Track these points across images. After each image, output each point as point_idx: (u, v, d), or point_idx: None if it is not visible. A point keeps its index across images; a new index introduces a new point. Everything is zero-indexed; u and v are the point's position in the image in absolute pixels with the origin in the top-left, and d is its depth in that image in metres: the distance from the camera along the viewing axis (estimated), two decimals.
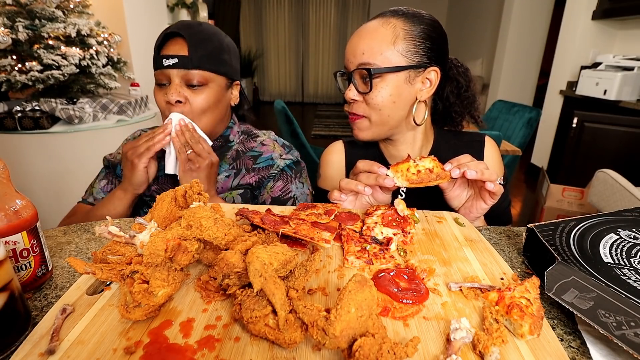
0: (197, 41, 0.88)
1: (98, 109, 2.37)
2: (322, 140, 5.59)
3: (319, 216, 0.65)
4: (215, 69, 0.92)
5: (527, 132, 2.70)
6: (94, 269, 0.45)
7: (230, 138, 1.05)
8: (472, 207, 0.77)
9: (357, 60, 0.81)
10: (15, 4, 2.07)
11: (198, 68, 0.89)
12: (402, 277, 0.52)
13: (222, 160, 1.02)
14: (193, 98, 0.91)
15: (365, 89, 0.82)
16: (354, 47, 0.82)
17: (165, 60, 0.88)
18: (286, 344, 0.39)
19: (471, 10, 6.38)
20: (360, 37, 0.82)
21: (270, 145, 1.05)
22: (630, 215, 0.68)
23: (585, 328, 0.47)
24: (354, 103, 0.85)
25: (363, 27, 0.84)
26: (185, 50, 0.88)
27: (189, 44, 0.88)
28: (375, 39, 0.80)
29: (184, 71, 0.89)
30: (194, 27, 0.90)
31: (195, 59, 0.88)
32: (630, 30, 3.31)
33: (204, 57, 0.89)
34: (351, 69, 0.83)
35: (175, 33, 0.89)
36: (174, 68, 0.88)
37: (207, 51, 0.90)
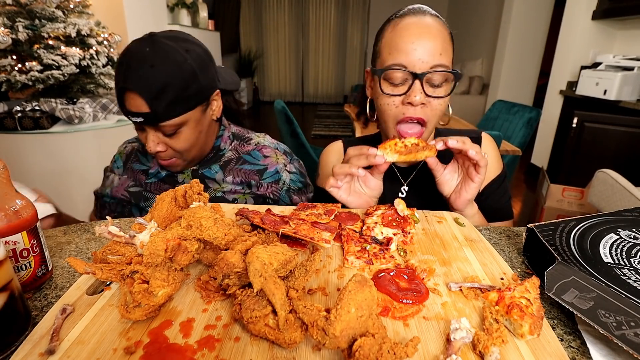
0: (154, 93, 0.80)
1: (98, 109, 2.37)
2: (322, 140, 5.59)
3: (319, 216, 0.65)
4: (184, 110, 0.84)
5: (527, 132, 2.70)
6: (94, 269, 0.45)
7: (221, 147, 1.01)
8: (461, 189, 0.76)
9: (433, 60, 0.74)
10: (15, 4, 2.07)
11: (166, 119, 0.83)
12: (402, 277, 0.52)
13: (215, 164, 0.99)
14: (172, 144, 0.88)
15: (434, 93, 0.76)
16: (428, 44, 0.74)
17: (131, 117, 0.83)
18: (286, 344, 0.39)
19: (471, 10, 6.38)
20: (432, 35, 0.74)
21: (273, 157, 1.00)
22: (630, 215, 0.68)
23: (585, 328, 0.47)
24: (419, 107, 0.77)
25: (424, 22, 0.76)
26: (146, 107, 0.80)
27: (147, 100, 0.80)
28: (446, 41, 0.76)
29: (153, 126, 0.84)
30: (145, 75, 0.79)
31: (160, 113, 0.81)
32: (630, 30, 3.31)
33: (168, 106, 0.81)
34: (422, 69, 0.74)
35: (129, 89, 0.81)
36: (143, 124, 0.84)
37: (169, 99, 0.81)
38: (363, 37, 8.58)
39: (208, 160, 1.00)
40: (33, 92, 2.22)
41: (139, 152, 1.06)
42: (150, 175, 1.01)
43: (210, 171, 0.99)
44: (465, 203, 0.76)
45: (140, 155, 1.05)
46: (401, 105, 0.78)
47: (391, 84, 0.78)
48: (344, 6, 8.39)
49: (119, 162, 1.07)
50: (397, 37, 0.76)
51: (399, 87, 0.77)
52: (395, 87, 0.77)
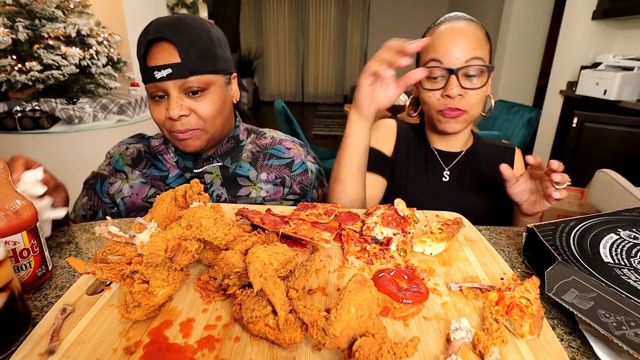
0: (186, 42, 0.78)
1: (98, 109, 2.37)
2: (322, 140, 5.59)
3: (319, 216, 0.65)
4: (213, 68, 0.82)
5: (527, 132, 2.70)
6: (94, 269, 0.45)
7: (240, 137, 0.98)
8: (535, 203, 0.81)
9: (467, 55, 0.84)
10: (15, 4, 2.07)
11: (195, 73, 0.79)
12: (402, 277, 0.52)
13: (240, 160, 0.96)
14: (197, 107, 0.82)
15: (471, 85, 0.86)
16: (461, 43, 0.84)
17: (157, 72, 0.77)
18: (286, 344, 0.39)
19: (471, 10, 6.37)
20: (465, 34, 0.85)
21: (294, 149, 1.01)
22: (630, 215, 0.68)
23: (586, 327, 0.47)
24: (457, 98, 0.86)
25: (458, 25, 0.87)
26: (177, 57, 0.77)
27: (179, 48, 0.77)
28: (479, 39, 0.86)
29: (180, 81, 0.79)
30: (177, 26, 0.79)
31: (190, 63, 0.78)
32: (630, 30, 3.31)
33: (198, 59, 0.79)
34: (457, 65, 0.84)
35: (160, 38, 0.78)
36: (169, 80, 0.78)
37: (200, 51, 0.79)
38: (363, 37, 8.58)
39: (229, 151, 0.95)
40: (33, 92, 2.22)
41: (149, 155, 0.97)
42: (171, 179, 0.94)
43: (242, 169, 0.96)
44: (535, 213, 0.83)
45: (153, 160, 0.96)
46: (442, 98, 0.88)
47: (430, 79, 0.88)
48: (344, 6, 8.38)
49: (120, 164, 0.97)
50: (435, 39, 0.87)
51: (437, 82, 0.87)
52: (434, 82, 0.88)
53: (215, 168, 0.94)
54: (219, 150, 0.94)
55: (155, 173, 0.95)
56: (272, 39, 8.75)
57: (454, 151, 1.01)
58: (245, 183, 0.95)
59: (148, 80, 0.80)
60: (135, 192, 0.94)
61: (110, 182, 0.95)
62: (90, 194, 0.97)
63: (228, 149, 0.95)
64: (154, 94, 0.82)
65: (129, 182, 0.94)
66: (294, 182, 0.99)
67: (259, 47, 8.79)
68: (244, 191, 0.95)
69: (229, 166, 0.95)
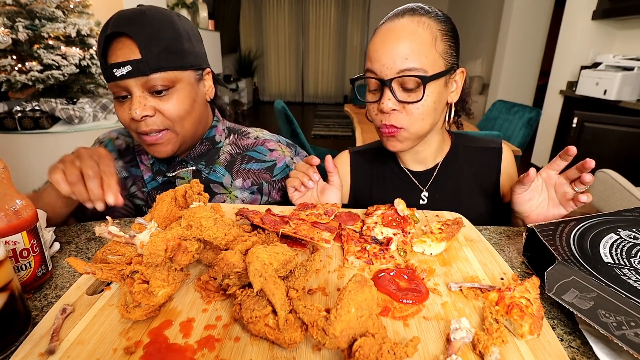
0: (147, 37, 0.72)
1: (98, 109, 2.37)
2: (322, 140, 5.59)
3: (319, 216, 0.65)
4: (178, 64, 0.76)
5: (527, 132, 2.70)
6: (94, 269, 0.45)
7: (216, 139, 0.92)
8: (547, 212, 0.72)
9: (399, 65, 0.72)
10: (15, 4, 2.07)
11: (158, 70, 0.73)
12: (402, 277, 0.52)
13: (215, 164, 0.91)
14: (162, 107, 0.76)
15: (408, 98, 0.74)
16: (392, 50, 0.72)
17: (116, 70, 0.72)
18: (286, 344, 0.39)
19: (471, 10, 6.38)
20: (398, 38, 0.72)
21: (279, 150, 0.94)
22: (630, 215, 0.68)
23: (586, 327, 0.47)
24: (393, 114, 0.75)
25: (394, 26, 0.74)
26: (137, 52, 0.72)
27: (139, 43, 0.72)
28: (416, 41, 0.72)
29: (142, 78, 0.73)
30: (138, 19, 0.73)
31: (152, 59, 0.72)
32: (630, 30, 3.31)
33: (161, 54, 0.73)
34: (389, 76, 0.73)
35: (118, 33, 0.73)
36: (129, 77, 0.73)
37: (163, 46, 0.74)
38: (363, 37, 8.58)
39: (203, 154, 0.90)
40: (33, 92, 2.22)
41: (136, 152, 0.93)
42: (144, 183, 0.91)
43: (216, 174, 0.90)
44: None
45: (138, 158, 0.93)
46: (379, 112, 0.77)
47: (369, 91, 0.79)
48: (344, 6, 8.39)
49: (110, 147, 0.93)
50: (371, 44, 0.77)
51: (375, 94, 0.77)
52: (373, 94, 0.78)
53: (188, 173, 0.90)
54: (193, 153, 0.89)
55: (136, 172, 0.92)
56: (272, 39, 8.76)
57: (429, 167, 0.90)
58: (219, 190, 0.90)
59: (108, 79, 0.75)
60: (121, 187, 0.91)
61: None
62: None
63: (202, 151, 0.90)
64: (116, 93, 0.77)
65: None
66: (274, 189, 0.93)
67: (259, 47, 8.79)
68: (218, 198, 0.90)
69: (202, 170, 0.90)
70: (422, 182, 0.90)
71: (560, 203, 0.72)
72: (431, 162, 0.90)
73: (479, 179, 0.90)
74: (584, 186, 0.67)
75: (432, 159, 0.90)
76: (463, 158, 0.91)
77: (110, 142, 0.95)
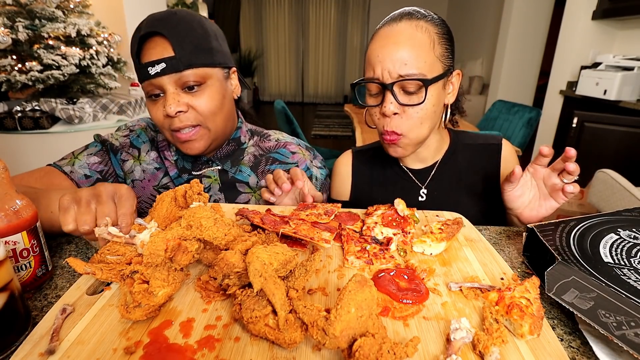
0: (180, 35, 0.76)
1: (98, 109, 2.37)
2: (322, 141, 5.59)
3: (319, 216, 0.65)
4: (209, 61, 0.79)
5: (527, 132, 2.70)
6: (94, 269, 0.45)
7: (241, 140, 0.94)
8: (540, 207, 0.73)
9: (399, 70, 0.73)
10: (15, 4, 2.07)
11: (190, 67, 0.76)
12: (402, 277, 0.52)
13: (240, 164, 0.93)
14: (195, 102, 0.79)
15: (409, 101, 0.75)
16: (391, 54, 0.73)
17: (150, 68, 0.75)
18: (286, 344, 0.39)
19: (471, 10, 6.38)
20: (397, 43, 0.73)
21: (300, 153, 0.96)
22: (630, 215, 0.68)
23: (586, 327, 0.47)
24: (394, 118, 0.76)
25: (393, 31, 0.75)
26: (170, 50, 0.75)
27: (172, 41, 0.75)
28: (416, 46, 0.73)
29: (176, 75, 0.76)
30: (170, 20, 0.76)
31: (184, 56, 0.76)
32: (630, 30, 3.31)
33: (193, 51, 0.77)
34: (390, 80, 0.74)
35: (152, 33, 0.76)
36: (163, 75, 0.75)
37: (194, 43, 0.77)
38: (363, 37, 8.58)
39: (229, 154, 0.92)
40: (33, 92, 2.22)
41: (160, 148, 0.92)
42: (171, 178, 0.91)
43: (242, 174, 0.92)
44: (540, 219, 0.73)
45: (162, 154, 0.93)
46: (381, 117, 0.78)
47: (370, 95, 0.80)
48: (344, 6, 8.39)
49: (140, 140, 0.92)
50: (371, 49, 0.78)
51: (377, 98, 0.79)
52: (374, 98, 0.80)
53: (214, 172, 0.91)
54: (219, 153, 0.91)
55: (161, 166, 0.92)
56: (272, 39, 8.76)
57: (427, 165, 0.91)
58: (244, 189, 0.92)
59: (143, 78, 0.78)
60: (148, 178, 0.90)
61: (122, 157, 0.90)
62: (104, 157, 0.90)
63: (229, 152, 0.92)
64: (150, 92, 0.79)
65: (142, 165, 0.90)
66: None
67: (259, 47, 8.79)
68: (243, 198, 0.91)
69: (229, 170, 0.92)
70: (421, 179, 0.92)
71: (550, 195, 0.72)
72: (430, 160, 0.91)
73: (478, 175, 0.91)
74: (571, 176, 0.67)
75: (431, 157, 0.91)
76: (462, 155, 0.92)
77: (142, 132, 0.94)
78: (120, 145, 0.91)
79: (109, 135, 0.94)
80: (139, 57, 0.77)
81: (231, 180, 0.91)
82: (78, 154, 0.90)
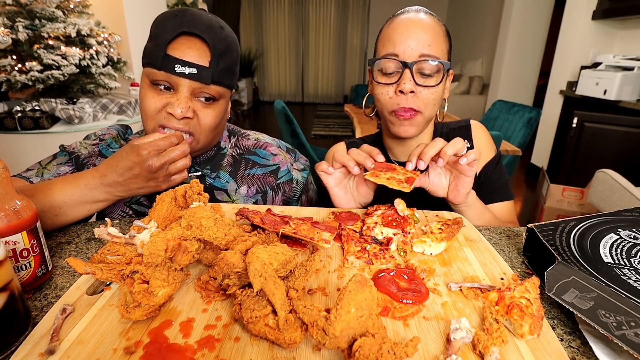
0: (221, 51, 0.75)
1: (98, 109, 2.37)
2: (322, 141, 5.59)
3: (399, 182, 0.66)
4: (230, 83, 0.80)
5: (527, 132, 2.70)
6: (94, 269, 0.45)
7: (221, 145, 0.93)
8: (457, 186, 0.75)
9: (422, 50, 0.77)
10: (15, 4, 2.07)
11: (217, 83, 0.76)
12: (402, 277, 0.52)
13: (220, 170, 0.91)
14: (203, 113, 0.78)
15: (425, 82, 0.79)
16: (417, 34, 0.77)
17: (179, 66, 0.72)
18: (286, 344, 0.39)
19: (471, 10, 6.38)
20: (423, 27, 0.78)
21: (281, 155, 0.96)
22: (630, 215, 0.68)
23: (586, 328, 0.47)
24: (410, 96, 0.79)
25: (416, 17, 0.80)
26: (207, 61, 0.74)
27: (213, 53, 0.74)
28: (437, 34, 0.79)
29: (199, 84, 0.75)
30: (217, 31, 0.75)
31: (216, 72, 0.75)
32: (630, 30, 3.31)
33: (224, 70, 0.77)
34: (412, 58, 0.78)
35: (195, 34, 0.74)
36: (189, 79, 0.74)
37: (227, 64, 0.77)
38: (363, 37, 8.58)
39: (209, 159, 0.91)
40: (33, 92, 2.22)
41: None
42: None
43: (221, 181, 0.90)
44: (465, 196, 0.76)
45: None
46: (394, 95, 0.80)
47: (384, 74, 0.81)
48: (344, 6, 8.39)
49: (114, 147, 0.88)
50: (391, 30, 0.81)
51: (392, 77, 0.80)
52: (388, 77, 0.81)
53: (192, 178, 0.89)
54: (199, 159, 0.89)
55: None
56: (272, 39, 8.76)
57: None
58: (222, 198, 0.90)
59: (162, 68, 0.73)
60: None
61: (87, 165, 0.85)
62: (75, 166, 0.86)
63: (209, 157, 0.91)
64: (159, 81, 0.75)
65: None
66: (277, 196, 0.94)
67: (259, 47, 8.79)
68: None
69: (208, 176, 0.90)
70: None
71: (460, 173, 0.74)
72: None
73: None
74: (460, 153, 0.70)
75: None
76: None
77: (113, 141, 0.90)
78: (89, 154, 0.86)
79: (76, 144, 0.89)
80: (167, 46, 0.73)
81: (209, 187, 0.89)
82: (46, 164, 0.84)
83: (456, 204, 0.77)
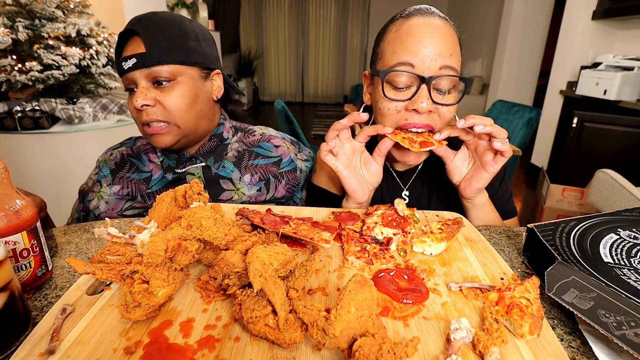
0: (153, 33, 0.79)
1: (98, 109, 2.37)
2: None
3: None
4: (181, 59, 0.81)
5: (527, 132, 2.69)
6: (94, 269, 0.45)
7: (224, 135, 0.96)
8: (472, 178, 0.73)
9: (443, 61, 0.68)
10: (15, 4, 2.07)
11: (160, 63, 0.79)
12: (402, 277, 0.52)
13: (224, 160, 0.94)
14: (163, 98, 0.80)
15: (442, 100, 0.70)
16: (437, 44, 0.67)
17: (124, 63, 0.79)
18: (286, 344, 0.39)
19: (471, 10, 6.38)
20: (441, 35, 0.68)
21: (284, 146, 0.99)
22: (630, 215, 0.68)
23: (586, 328, 0.47)
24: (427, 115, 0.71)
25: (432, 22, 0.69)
26: (142, 47, 0.78)
27: (145, 38, 0.78)
28: (456, 42, 0.70)
29: (146, 70, 0.79)
30: (147, 19, 0.81)
31: (155, 53, 0.78)
32: (630, 30, 3.31)
33: (164, 48, 0.79)
34: (430, 72, 0.68)
35: (129, 31, 0.80)
36: (134, 69, 0.79)
37: (168, 41, 0.80)
38: (363, 37, 8.58)
39: (212, 150, 0.93)
40: (33, 92, 2.22)
41: (131, 157, 0.96)
42: (154, 182, 0.92)
43: (225, 170, 0.93)
44: (475, 192, 0.74)
45: (135, 161, 0.95)
46: (404, 111, 0.72)
47: (394, 88, 0.71)
48: (344, 6, 8.38)
49: (105, 171, 0.95)
50: (404, 34, 0.69)
51: (403, 92, 0.71)
52: (398, 92, 0.71)
53: (197, 169, 0.93)
54: (202, 149, 0.92)
55: (137, 177, 0.94)
56: (272, 39, 8.75)
57: (411, 167, 0.89)
58: (228, 186, 0.93)
59: (120, 73, 0.82)
60: (111, 207, 0.93)
61: (89, 198, 0.95)
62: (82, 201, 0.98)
63: (211, 148, 0.93)
64: (127, 86, 0.83)
65: (104, 198, 0.93)
66: (280, 184, 0.95)
67: (259, 47, 8.79)
68: (226, 195, 0.92)
69: (212, 166, 0.93)
70: (404, 181, 0.92)
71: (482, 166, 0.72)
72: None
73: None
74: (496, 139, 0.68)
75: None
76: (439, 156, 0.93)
77: (104, 165, 0.97)
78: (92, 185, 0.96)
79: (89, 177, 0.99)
80: (119, 56, 0.82)
81: (214, 176, 0.93)
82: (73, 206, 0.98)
83: (464, 196, 0.76)
